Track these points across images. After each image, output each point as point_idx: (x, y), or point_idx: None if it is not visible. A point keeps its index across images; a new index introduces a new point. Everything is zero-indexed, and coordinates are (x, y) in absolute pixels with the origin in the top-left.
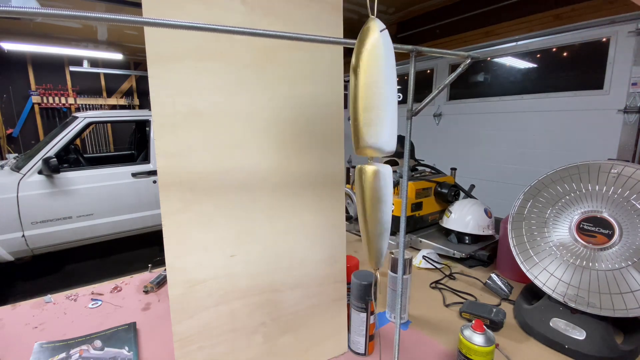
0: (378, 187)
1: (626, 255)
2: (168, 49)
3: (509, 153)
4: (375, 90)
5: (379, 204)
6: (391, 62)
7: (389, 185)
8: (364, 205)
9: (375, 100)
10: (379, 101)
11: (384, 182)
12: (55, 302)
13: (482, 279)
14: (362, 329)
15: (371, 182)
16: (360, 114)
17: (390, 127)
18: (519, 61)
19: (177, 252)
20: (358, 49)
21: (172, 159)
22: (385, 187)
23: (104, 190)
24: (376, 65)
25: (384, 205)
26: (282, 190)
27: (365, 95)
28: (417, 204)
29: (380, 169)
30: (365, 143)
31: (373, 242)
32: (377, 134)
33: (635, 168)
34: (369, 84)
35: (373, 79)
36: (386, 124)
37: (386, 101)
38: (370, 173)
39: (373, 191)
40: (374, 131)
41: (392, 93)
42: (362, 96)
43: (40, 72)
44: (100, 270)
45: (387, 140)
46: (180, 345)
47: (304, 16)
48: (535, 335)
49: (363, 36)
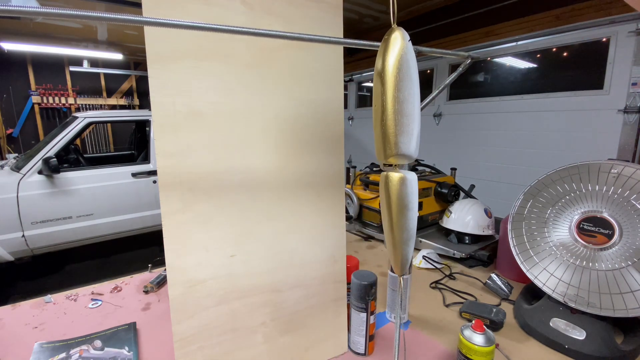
0: (405, 193)
1: (626, 255)
2: (168, 49)
3: (509, 153)
4: (409, 100)
5: (405, 211)
6: (416, 71)
7: (415, 192)
8: (390, 212)
9: (407, 108)
10: (411, 109)
11: (410, 189)
12: (55, 302)
13: (482, 279)
14: (362, 329)
15: (398, 189)
16: (393, 122)
17: (418, 135)
18: (519, 61)
19: (177, 252)
20: (385, 57)
21: (172, 159)
22: (411, 194)
23: (104, 190)
24: (408, 75)
25: (410, 212)
26: (282, 190)
27: (399, 105)
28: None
29: (407, 175)
30: (398, 150)
31: (399, 249)
32: (409, 142)
33: (635, 168)
34: (402, 92)
35: (406, 89)
36: (415, 131)
37: (415, 109)
38: (397, 180)
39: (399, 198)
40: (406, 139)
41: (418, 101)
42: (394, 105)
43: (40, 72)
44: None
45: (415, 147)
46: (180, 345)
47: (304, 16)
48: (535, 335)
49: (391, 44)
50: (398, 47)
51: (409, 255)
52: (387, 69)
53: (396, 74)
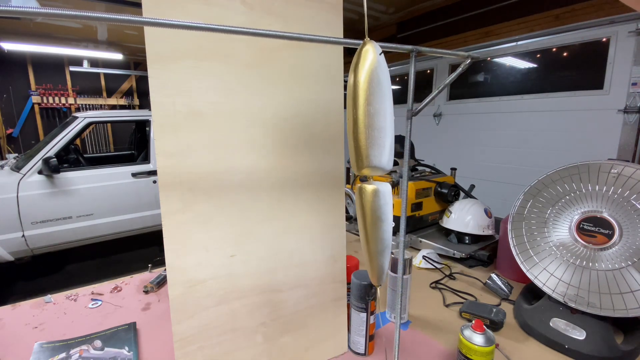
0: (378, 205)
1: (626, 255)
2: (168, 49)
3: (509, 153)
4: (379, 112)
5: (380, 223)
6: (389, 84)
7: (389, 204)
8: (365, 224)
9: (380, 122)
10: (382, 122)
11: (383, 200)
12: (55, 302)
13: (482, 279)
14: (362, 329)
15: (371, 201)
16: (364, 135)
17: (390, 147)
18: (518, 61)
19: (177, 252)
20: (356, 71)
21: (172, 159)
22: (385, 205)
23: (104, 190)
24: (379, 88)
25: (384, 224)
26: (282, 190)
27: (370, 118)
28: (417, 204)
29: (380, 187)
30: (369, 163)
31: (375, 260)
32: (380, 155)
33: (635, 168)
34: (372, 105)
35: (377, 102)
36: (388, 144)
37: (387, 122)
38: (370, 192)
39: (373, 210)
40: (377, 152)
41: (391, 114)
42: (365, 118)
43: (40, 72)
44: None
45: (388, 159)
46: (180, 345)
47: (304, 16)
48: (535, 335)
49: (363, 58)
50: (369, 61)
51: (385, 266)
52: (358, 82)
53: (367, 87)
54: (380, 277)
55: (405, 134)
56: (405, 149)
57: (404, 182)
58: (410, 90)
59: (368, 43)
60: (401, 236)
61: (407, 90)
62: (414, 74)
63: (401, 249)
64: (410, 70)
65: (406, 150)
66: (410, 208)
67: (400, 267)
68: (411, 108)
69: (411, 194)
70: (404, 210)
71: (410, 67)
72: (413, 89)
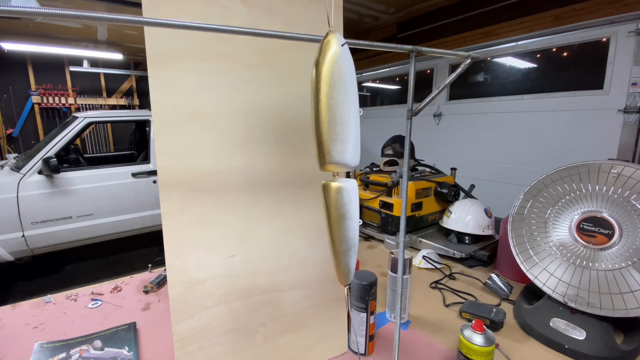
0: (342, 203)
1: (626, 255)
2: (168, 49)
3: (509, 153)
4: (340, 106)
5: (344, 221)
6: (353, 77)
7: (354, 201)
8: (329, 222)
9: (341, 116)
10: (345, 117)
11: (347, 198)
12: (55, 302)
13: (482, 279)
14: (362, 329)
15: (335, 198)
16: (326, 130)
17: (355, 142)
18: (519, 61)
19: (177, 252)
20: (319, 63)
21: (172, 159)
22: (349, 204)
23: (104, 190)
24: (341, 81)
25: (349, 222)
26: (283, 190)
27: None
28: (417, 204)
29: (344, 184)
30: (331, 159)
31: (340, 260)
32: (343, 150)
33: (635, 168)
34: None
35: (338, 96)
36: (351, 139)
37: (350, 116)
38: (334, 189)
39: (337, 208)
40: (340, 147)
41: (355, 108)
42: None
43: (40, 72)
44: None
45: (352, 155)
46: (180, 345)
47: (304, 16)
48: (535, 335)
49: (324, 50)
50: (331, 52)
51: (351, 265)
52: (320, 75)
53: (328, 81)
54: (347, 277)
55: (405, 134)
56: (405, 149)
57: (404, 182)
58: (410, 90)
59: (330, 34)
60: (401, 236)
61: (407, 90)
62: (414, 74)
63: (401, 249)
64: (410, 70)
65: (406, 150)
66: (410, 208)
67: (400, 267)
68: (411, 108)
69: (411, 194)
70: (404, 210)
71: (410, 67)
72: (413, 89)
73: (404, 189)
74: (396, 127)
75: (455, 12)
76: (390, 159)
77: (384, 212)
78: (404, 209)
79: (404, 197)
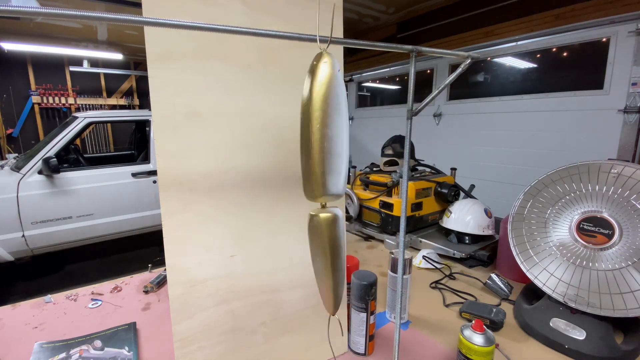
0: (337, 235)
1: (626, 255)
2: (168, 49)
3: (509, 153)
4: (338, 136)
5: (339, 251)
6: (346, 104)
7: (344, 228)
8: (325, 256)
9: (336, 146)
10: (340, 148)
11: (341, 227)
12: (55, 302)
13: (482, 279)
14: (362, 329)
15: (330, 230)
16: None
17: (346, 172)
18: (518, 61)
19: (177, 252)
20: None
21: (172, 159)
22: (342, 232)
23: (104, 190)
24: (337, 109)
25: (342, 250)
26: (282, 190)
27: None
28: (417, 204)
29: (337, 213)
30: (326, 192)
31: (337, 291)
32: (337, 182)
33: (635, 168)
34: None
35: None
36: (344, 169)
37: (344, 146)
38: (330, 220)
39: (335, 239)
40: (335, 179)
41: (347, 137)
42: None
43: (40, 72)
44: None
45: (343, 186)
46: (180, 345)
47: (304, 16)
48: (535, 335)
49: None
50: (327, 76)
51: (343, 294)
52: (315, 102)
53: (325, 108)
54: (337, 306)
55: (405, 134)
56: (405, 149)
57: (404, 182)
58: (410, 90)
59: (326, 56)
60: (401, 236)
61: (407, 90)
62: (414, 74)
63: (401, 249)
64: (410, 70)
65: (406, 150)
66: (410, 208)
67: (400, 267)
68: (411, 108)
69: (411, 194)
70: (404, 210)
71: (410, 67)
72: (413, 89)
73: (404, 189)
74: (396, 127)
75: (455, 12)
76: (390, 159)
77: (384, 212)
78: (404, 209)
79: (404, 197)
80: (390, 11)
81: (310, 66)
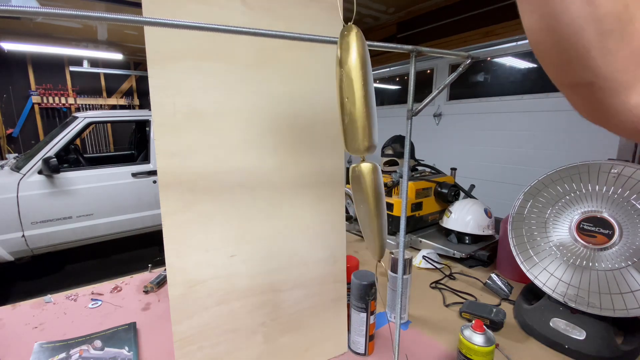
0: (379, 183)
1: (626, 255)
2: (168, 49)
3: (509, 153)
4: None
5: (382, 197)
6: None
7: (382, 179)
8: (368, 203)
9: (373, 102)
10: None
11: (380, 177)
12: (55, 302)
13: (482, 279)
14: (362, 329)
15: (373, 178)
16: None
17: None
18: (519, 61)
19: (177, 252)
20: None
21: (172, 159)
22: (381, 181)
23: (104, 190)
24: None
25: (383, 197)
26: (282, 190)
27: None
28: (417, 204)
29: (377, 164)
30: (372, 142)
31: (381, 235)
32: (377, 133)
33: (635, 168)
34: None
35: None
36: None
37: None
38: (371, 170)
39: (376, 187)
40: (375, 130)
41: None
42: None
43: (40, 72)
44: (100, 270)
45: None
46: (180, 345)
47: (304, 16)
48: (535, 335)
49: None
50: (360, 43)
51: (386, 239)
52: (353, 63)
53: (364, 69)
54: (383, 251)
55: (405, 134)
56: (405, 149)
57: (404, 182)
58: (410, 90)
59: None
60: (401, 236)
61: (407, 90)
62: (414, 74)
63: (401, 249)
64: (410, 70)
65: (406, 150)
66: (410, 208)
67: (400, 267)
68: (411, 108)
69: (411, 194)
70: (404, 210)
71: (410, 67)
72: (413, 89)
73: (404, 189)
74: (396, 127)
75: (455, 12)
76: (390, 159)
77: None
78: (404, 209)
79: (404, 197)
80: (390, 11)
81: (341, 36)
